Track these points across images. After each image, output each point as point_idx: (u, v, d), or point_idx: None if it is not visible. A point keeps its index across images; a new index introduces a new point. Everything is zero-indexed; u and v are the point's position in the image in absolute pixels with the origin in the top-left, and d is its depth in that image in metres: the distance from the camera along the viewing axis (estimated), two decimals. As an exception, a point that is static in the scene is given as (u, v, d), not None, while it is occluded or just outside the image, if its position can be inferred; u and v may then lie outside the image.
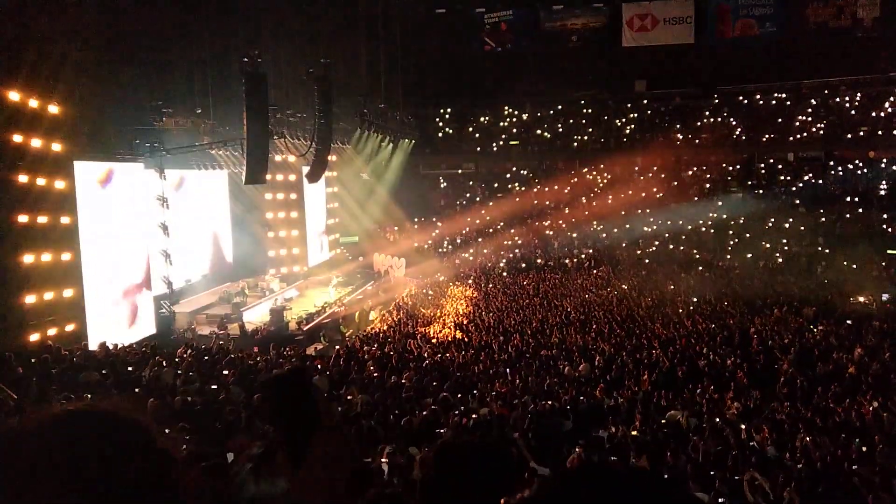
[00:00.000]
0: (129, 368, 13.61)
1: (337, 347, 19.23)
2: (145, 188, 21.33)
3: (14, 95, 15.18)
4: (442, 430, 10.01)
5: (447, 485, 1.30)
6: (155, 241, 21.86)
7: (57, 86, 16.20)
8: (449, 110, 47.70)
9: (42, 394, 10.77)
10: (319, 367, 15.12)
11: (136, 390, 11.83)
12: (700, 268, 32.19)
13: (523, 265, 35.26)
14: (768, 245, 34.68)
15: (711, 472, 8.61)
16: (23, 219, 15.42)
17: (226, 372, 13.91)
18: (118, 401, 1.14)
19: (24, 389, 11.03)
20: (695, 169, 42.58)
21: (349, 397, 12.00)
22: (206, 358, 15.42)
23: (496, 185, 44.93)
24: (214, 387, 12.23)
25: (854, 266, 29.88)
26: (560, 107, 46.96)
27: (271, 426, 1.34)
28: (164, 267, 22.07)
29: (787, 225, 36.04)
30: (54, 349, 14.36)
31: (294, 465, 1.27)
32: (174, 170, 23.48)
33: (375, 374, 14.16)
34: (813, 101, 42.64)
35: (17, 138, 15.31)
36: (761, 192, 39.10)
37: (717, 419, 11.92)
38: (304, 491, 1.26)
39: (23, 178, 15.42)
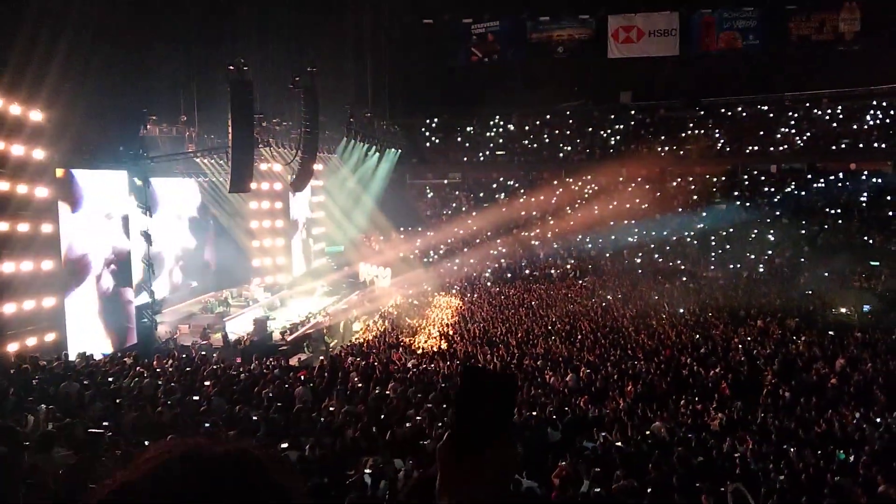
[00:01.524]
0: (110, 379, 13.43)
1: (321, 358, 19.10)
2: (128, 196, 21.16)
3: (-5, 102, 15.04)
4: (427, 442, 9.94)
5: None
6: (137, 249, 21.65)
7: (40, 92, 16.04)
8: (436, 120, 47.82)
9: (20, 404, 10.60)
10: (303, 377, 14.99)
11: (118, 401, 11.67)
12: (684, 278, 32.36)
13: (509, 275, 35.28)
14: (752, 256, 34.94)
15: (696, 484, 8.60)
16: (3, 226, 15.22)
17: (207, 383, 13.75)
18: (243, 442, 1.05)
19: (1, 400, 10.84)
20: (679, 180, 42.91)
21: (332, 408, 11.90)
22: (187, 369, 15.24)
23: (482, 195, 45.03)
24: (196, 398, 12.09)
25: (836, 277, 30.17)
26: (546, 117, 47.25)
27: (461, 413, 1.28)
28: (147, 276, 21.85)
29: (770, 236, 36.35)
30: (33, 359, 14.15)
31: (462, 457, 1.22)
32: (159, 177, 23.32)
33: (360, 385, 14.06)
34: (795, 114, 43.18)
35: (-2, 145, 15.15)
36: (745, 203, 39.43)
37: (701, 430, 11.95)
38: (458, 487, 1.22)
39: (3, 186, 15.24)
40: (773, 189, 40.50)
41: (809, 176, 40.43)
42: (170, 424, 10.05)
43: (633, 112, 46.74)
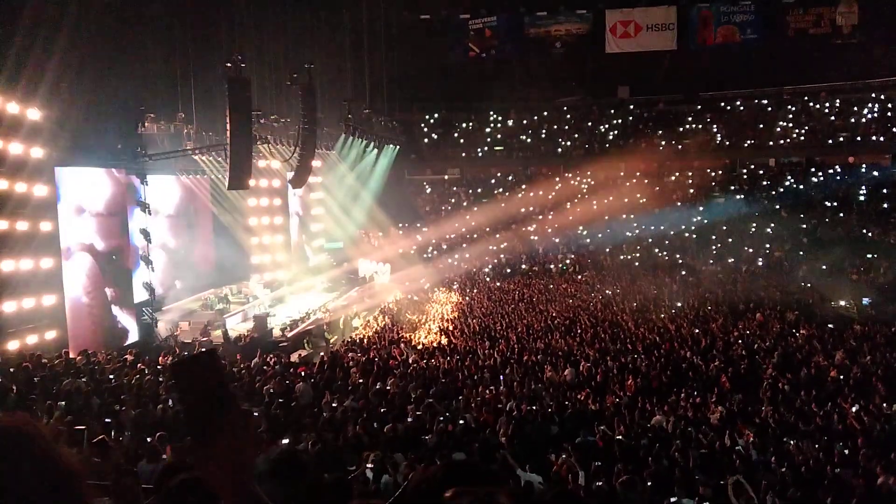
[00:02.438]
0: (111, 376, 13.45)
1: (321, 354, 19.13)
2: (127, 194, 21.16)
3: (-7, 100, 15.02)
4: (427, 437, 9.97)
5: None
6: (137, 247, 21.66)
7: (37, 90, 16.02)
8: (434, 116, 47.77)
9: (21, 403, 10.62)
10: (304, 373, 15.02)
11: (122, 397, 11.70)
12: (683, 272, 32.39)
13: (508, 270, 35.31)
14: (750, 250, 34.97)
15: (696, 477, 8.63)
16: (2, 224, 15.21)
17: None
18: (21, 415, 1.10)
19: (2, 398, 10.87)
20: (678, 174, 42.92)
21: (334, 404, 11.93)
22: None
23: (481, 190, 45.03)
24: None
25: (834, 270, 30.22)
26: (544, 113, 47.20)
27: (181, 407, 1.33)
28: (147, 273, 21.86)
29: (768, 230, 36.38)
30: (34, 357, 14.16)
31: (202, 446, 1.27)
32: (157, 175, 23.31)
33: (360, 381, 14.09)
34: (794, 107, 43.20)
35: (-3, 143, 15.13)
36: (743, 197, 39.46)
37: (701, 423, 11.99)
38: (210, 473, 1.27)
39: (2, 184, 15.23)
40: (771, 183, 40.53)
41: (808, 169, 40.46)
42: (171, 421, 10.08)
43: (631, 107, 46.74)
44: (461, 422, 10.77)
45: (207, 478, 1.27)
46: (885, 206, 35.85)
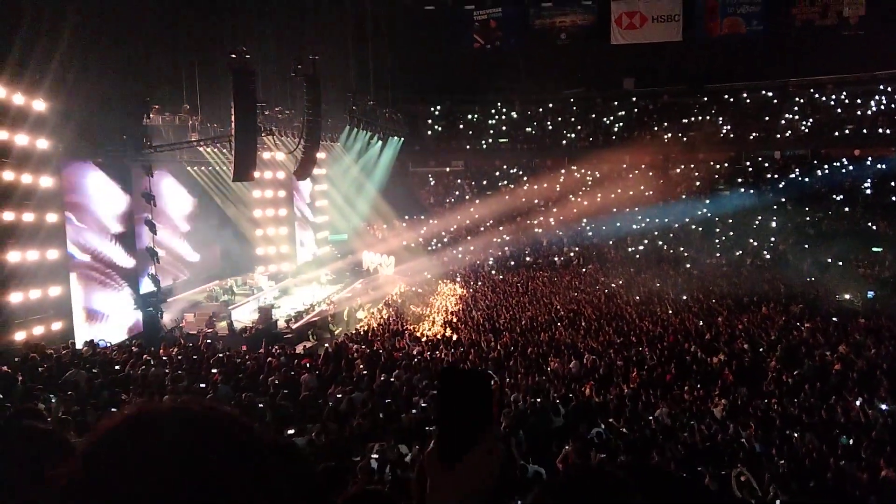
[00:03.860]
0: (117, 367, 13.52)
1: (326, 346, 19.18)
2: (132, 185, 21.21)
3: (-1, 91, 15.04)
4: (431, 429, 10.02)
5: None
6: (142, 238, 21.71)
7: (43, 82, 16.04)
8: (438, 108, 47.69)
9: (27, 393, 10.69)
10: (308, 365, 15.08)
11: (131, 388, 11.77)
12: (688, 265, 32.34)
13: (512, 263, 35.30)
14: (755, 243, 34.89)
15: (699, 468, 8.67)
16: (8, 216, 15.26)
17: (214, 371, 13.85)
18: (205, 400, 1.06)
19: (9, 388, 10.94)
20: (682, 167, 42.80)
21: (338, 395, 11.98)
22: (194, 357, 15.34)
23: (485, 182, 44.99)
24: (202, 385, 12.18)
25: (840, 263, 30.13)
26: (549, 104, 47.07)
27: (439, 416, 1.30)
28: (152, 265, 21.91)
29: (773, 223, 36.28)
30: (40, 348, 14.24)
31: (446, 464, 1.23)
32: (162, 166, 23.33)
33: (365, 373, 14.14)
34: (799, 100, 42.98)
35: (2, 135, 15.15)
36: (748, 189, 39.33)
37: (705, 416, 12.01)
38: (443, 495, 1.22)
39: (8, 175, 15.27)
40: (776, 175, 40.39)
41: (814, 162, 40.30)
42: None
43: (635, 99, 46.58)
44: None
45: (438, 500, 1.22)
46: (891, 199, 35.71)
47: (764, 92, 43.98)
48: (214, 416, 0.98)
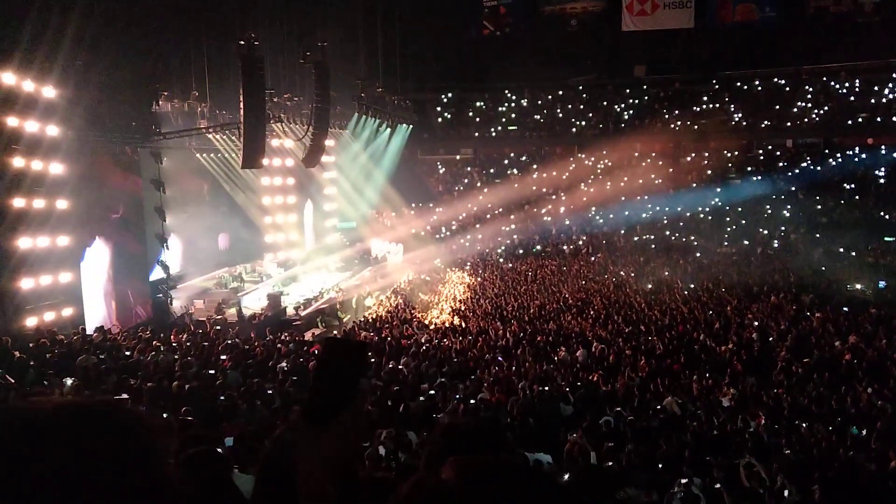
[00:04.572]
0: (127, 353, 13.61)
1: (334, 333, 19.25)
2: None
3: (9, 78, 15.06)
4: (440, 416, 10.04)
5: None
6: (152, 225, 21.80)
7: (52, 69, 16.07)
8: (447, 95, 47.49)
9: (39, 378, 10.78)
10: (316, 352, 15.13)
11: (139, 374, 11.85)
12: (698, 254, 32.20)
13: (521, 251, 35.26)
14: (766, 231, 34.69)
15: (707, 458, 8.64)
16: (19, 202, 15.34)
17: (223, 357, 13.93)
18: (115, 399, 1.07)
19: (21, 374, 11.03)
20: (693, 155, 42.51)
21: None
22: (203, 343, 15.42)
23: (494, 170, 44.85)
24: (212, 371, 12.24)
25: (852, 253, 29.93)
26: (559, 92, 46.77)
27: (314, 384, 1.33)
28: (162, 251, 22.02)
29: (784, 212, 36.04)
30: (51, 333, 14.35)
31: (312, 427, 1.27)
32: (172, 153, 23.38)
33: (373, 360, 14.18)
34: (812, 87, 42.54)
35: (13, 121, 15.20)
36: (759, 178, 39.05)
37: (714, 405, 11.98)
38: (307, 454, 1.26)
39: (19, 162, 15.34)
40: (788, 164, 40.07)
41: (826, 150, 39.94)
42: (186, 397, 10.20)
43: (646, 86, 46.19)
44: (472, 401, 10.82)
45: (302, 463, 1.26)
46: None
47: (776, 79, 43.51)
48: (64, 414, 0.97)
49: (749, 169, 40.61)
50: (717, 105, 43.83)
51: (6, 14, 15.65)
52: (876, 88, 40.95)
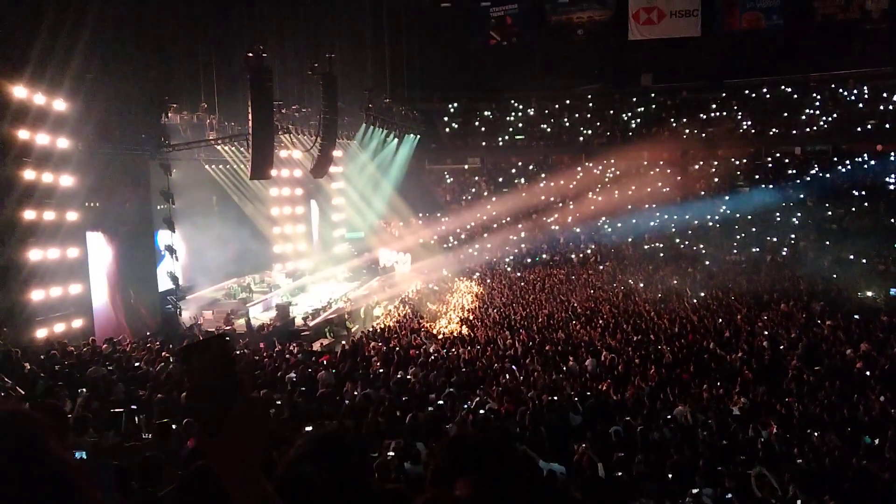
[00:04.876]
0: (137, 364, 13.65)
1: (343, 343, 19.24)
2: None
3: (20, 91, 15.20)
4: (448, 426, 10.00)
5: (457, 477, 1.28)
6: (161, 236, 21.91)
7: (63, 82, 16.21)
8: (454, 105, 47.61)
9: (49, 390, 10.82)
10: (325, 362, 15.13)
11: (148, 385, 11.88)
12: (707, 262, 32.04)
13: (529, 260, 35.19)
14: (775, 239, 34.50)
15: (718, 468, 8.58)
16: (30, 215, 15.45)
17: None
18: (13, 404, 1.09)
19: (31, 386, 11.08)
20: (701, 163, 42.40)
21: (355, 392, 12.01)
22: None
23: (501, 179, 44.87)
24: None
25: (862, 260, 29.71)
26: (566, 101, 46.83)
27: (189, 395, 1.31)
28: (170, 262, 22.11)
29: (794, 219, 35.86)
30: (62, 345, 14.41)
31: (210, 436, 1.25)
32: (181, 164, 23.52)
33: (381, 370, 14.16)
34: (820, 95, 42.42)
35: (24, 134, 15.33)
36: (768, 186, 38.89)
37: (724, 414, 11.89)
38: (219, 462, 1.25)
39: (29, 175, 15.45)
40: (797, 171, 39.89)
41: (835, 158, 39.76)
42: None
43: (654, 94, 46.19)
44: (481, 411, 10.78)
45: (216, 469, 1.26)
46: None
47: (784, 87, 43.42)
48: None
49: (757, 177, 40.46)
50: (725, 113, 43.76)
51: (18, 28, 15.82)
52: (885, 95, 40.78)
